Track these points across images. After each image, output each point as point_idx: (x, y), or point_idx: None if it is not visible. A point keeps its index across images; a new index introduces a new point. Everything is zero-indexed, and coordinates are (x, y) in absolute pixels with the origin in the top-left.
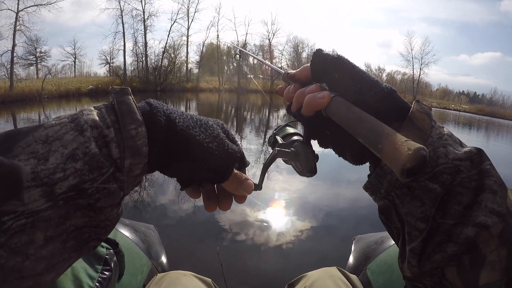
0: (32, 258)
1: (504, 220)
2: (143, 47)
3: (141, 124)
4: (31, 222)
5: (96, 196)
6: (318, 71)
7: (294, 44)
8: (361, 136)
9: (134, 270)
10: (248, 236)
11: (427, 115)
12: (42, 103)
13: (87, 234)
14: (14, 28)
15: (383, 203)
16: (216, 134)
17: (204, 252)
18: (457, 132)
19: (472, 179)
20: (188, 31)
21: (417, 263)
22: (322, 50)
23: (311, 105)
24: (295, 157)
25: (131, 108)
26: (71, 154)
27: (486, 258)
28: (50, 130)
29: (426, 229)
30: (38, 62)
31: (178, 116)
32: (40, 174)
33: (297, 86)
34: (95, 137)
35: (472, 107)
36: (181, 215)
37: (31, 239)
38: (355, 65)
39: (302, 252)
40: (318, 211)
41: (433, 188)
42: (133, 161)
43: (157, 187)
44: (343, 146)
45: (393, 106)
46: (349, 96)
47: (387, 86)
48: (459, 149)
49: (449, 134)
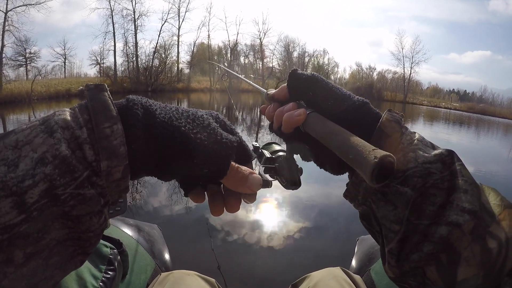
0: (11, 277)
1: (476, 217)
2: (133, 47)
3: (116, 122)
4: (8, 239)
5: (71, 203)
6: (294, 90)
7: (285, 43)
8: (335, 148)
9: (138, 269)
10: (251, 237)
11: (397, 123)
12: (32, 104)
13: (72, 248)
14: (3, 29)
15: (362, 209)
16: (207, 124)
17: (208, 252)
18: (448, 130)
19: (445, 180)
20: (179, 31)
21: (396, 263)
22: (297, 70)
23: (290, 123)
24: (280, 171)
25: (105, 105)
26: (40, 158)
27: (461, 254)
28: (20, 134)
29: (400, 230)
30: (27, 63)
31: (159, 108)
32: (8, 183)
33: (276, 105)
34: (67, 139)
35: (462, 105)
36: (184, 215)
37: (9, 258)
38: (329, 82)
39: (305, 253)
40: (322, 212)
41: (404, 191)
42: (110, 164)
43: (160, 186)
44: (322, 158)
45: (365, 117)
46: (324, 111)
47: (359, 98)
48: (430, 152)
49: (420, 139)
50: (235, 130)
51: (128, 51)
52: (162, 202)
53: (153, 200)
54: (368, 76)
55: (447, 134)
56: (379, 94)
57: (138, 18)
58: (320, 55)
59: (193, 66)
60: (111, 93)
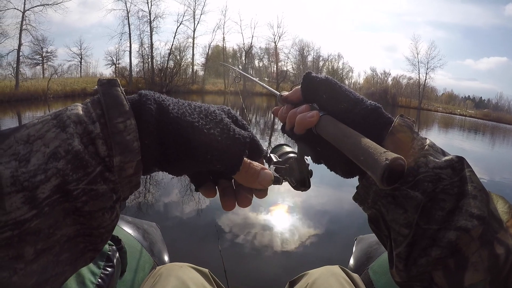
0: (21, 273)
1: (484, 223)
2: (149, 49)
3: (129, 117)
4: (18, 235)
5: (83, 198)
6: (308, 93)
7: (299, 47)
8: (346, 150)
9: (136, 267)
10: (250, 235)
11: (409, 128)
12: (48, 102)
13: (82, 245)
14: (20, 28)
15: (371, 212)
16: (219, 119)
17: (206, 250)
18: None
19: (454, 185)
20: (194, 33)
21: (404, 267)
22: (311, 73)
23: (302, 124)
24: (290, 172)
25: (118, 100)
26: (52, 153)
27: (469, 260)
28: (31, 129)
29: (410, 234)
30: (44, 62)
31: (172, 103)
32: (20, 178)
33: (289, 107)
34: (80, 134)
35: (477, 113)
36: (183, 213)
37: (19, 254)
38: (342, 85)
39: (304, 251)
40: (320, 212)
41: (415, 195)
42: (124, 159)
43: (159, 184)
44: (333, 161)
45: (377, 121)
46: (337, 114)
47: (371, 103)
48: (440, 158)
49: (431, 144)
50: (246, 125)
51: (144, 52)
52: (160, 201)
53: (152, 198)
54: (383, 82)
55: (461, 141)
56: (394, 99)
57: (153, 19)
58: (335, 59)
59: (207, 68)
60: (126, 93)
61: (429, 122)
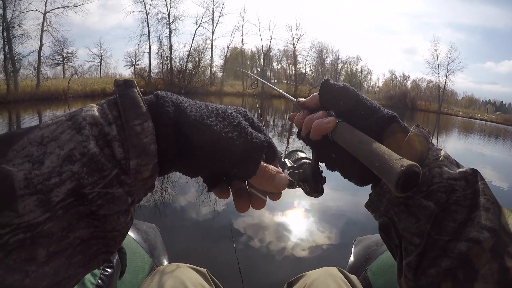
0: (33, 275)
1: (496, 236)
2: (168, 50)
3: (147, 119)
4: (31, 238)
5: (98, 202)
6: (326, 99)
7: (318, 49)
8: (362, 156)
9: (136, 268)
10: (248, 235)
11: (425, 139)
12: (68, 102)
13: (95, 247)
14: (42, 29)
15: (383, 220)
16: (237, 122)
17: (205, 251)
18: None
19: (467, 197)
20: (213, 35)
21: (413, 277)
22: (329, 80)
23: (318, 130)
24: (304, 178)
25: (135, 102)
26: (67, 155)
27: (479, 271)
28: (45, 130)
29: (421, 244)
30: (65, 62)
31: (189, 105)
32: (33, 180)
33: (306, 112)
34: (95, 136)
35: (498, 117)
36: (182, 215)
37: (32, 256)
38: (359, 93)
39: (302, 252)
40: (320, 213)
41: (428, 205)
42: (140, 162)
43: (158, 186)
44: (348, 168)
45: (393, 130)
46: (353, 121)
47: (388, 112)
48: (454, 170)
49: (446, 156)
50: (262, 127)
51: (163, 54)
52: (160, 202)
53: (152, 200)
54: (402, 85)
55: (481, 146)
56: (413, 103)
57: (172, 21)
58: (354, 62)
59: (226, 70)
60: (145, 94)
61: (449, 126)
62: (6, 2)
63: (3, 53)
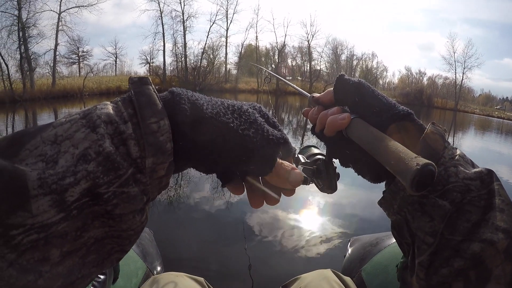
0: (47, 276)
1: (510, 237)
2: (182, 48)
3: (163, 117)
4: (44, 238)
5: (114, 201)
6: (340, 95)
7: (333, 46)
8: (376, 153)
9: (129, 273)
10: (241, 237)
11: (441, 137)
12: (83, 99)
13: (110, 246)
14: (57, 28)
15: (396, 218)
16: (253, 119)
17: (199, 255)
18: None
19: (482, 198)
20: (227, 32)
21: (425, 276)
22: (344, 75)
23: (333, 126)
24: (317, 174)
25: (151, 99)
26: (82, 155)
27: (492, 272)
28: (59, 129)
29: (434, 243)
30: (80, 61)
31: (205, 102)
32: (47, 180)
33: (320, 108)
34: (110, 134)
35: None
36: (175, 218)
37: (45, 256)
38: (375, 89)
39: (296, 254)
40: (315, 213)
41: (443, 204)
42: (156, 160)
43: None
44: (362, 165)
45: (408, 128)
46: (368, 117)
47: (403, 108)
48: (470, 169)
49: (461, 155)
50: (277, 123)
51: (177, 51)
52: (153, 206)
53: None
54: (418, 81)
55: (499, 143)
56: (429, 100)
57: (186, 19)
58: (369, 58)
59: (240, 67)
60: (160, 92)
61: (465, 125)
62: (21, 3)
63: (19, 53)
